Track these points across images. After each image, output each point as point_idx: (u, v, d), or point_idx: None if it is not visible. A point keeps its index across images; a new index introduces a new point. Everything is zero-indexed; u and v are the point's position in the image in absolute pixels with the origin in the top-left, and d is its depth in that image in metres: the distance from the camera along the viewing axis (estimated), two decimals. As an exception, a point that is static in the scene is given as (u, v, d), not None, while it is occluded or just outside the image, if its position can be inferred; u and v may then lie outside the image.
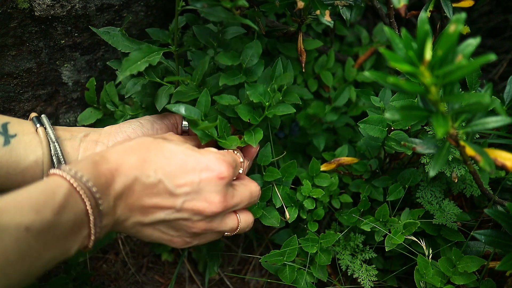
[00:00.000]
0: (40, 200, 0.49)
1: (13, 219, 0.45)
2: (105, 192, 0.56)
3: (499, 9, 1.19)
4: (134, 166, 0.59)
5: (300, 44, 0.82)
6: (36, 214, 0.47)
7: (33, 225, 0.47)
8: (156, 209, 0.61)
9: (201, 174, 0.61)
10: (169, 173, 0.60)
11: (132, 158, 0.60)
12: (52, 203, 0.49)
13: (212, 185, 0.62)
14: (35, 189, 0.50)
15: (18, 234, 0.45)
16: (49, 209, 0.49)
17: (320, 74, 0.96)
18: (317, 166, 0.84)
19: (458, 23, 0.46)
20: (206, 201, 0.62)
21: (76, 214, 0.52)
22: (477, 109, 0.53)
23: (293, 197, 0.83)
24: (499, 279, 0.79)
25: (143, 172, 0.59)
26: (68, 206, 0.51)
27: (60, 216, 0.50)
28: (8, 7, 0.73)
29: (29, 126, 0.67)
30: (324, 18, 0.70)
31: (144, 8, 0.89)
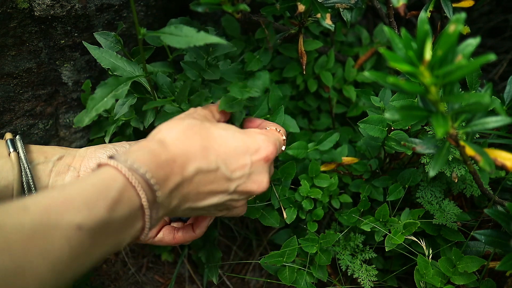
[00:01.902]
0: (92, 196, 0.46)
1: (64, 217, 0.43)
2: (163, 185, 0.53)
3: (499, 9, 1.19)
4: (195, 155, 0.57)
5: (301, 46, 0.82)
6: (88, 211, 0.45)
7: (85, 223, 0.44)
8: (211, 194, 0.61)
9: (252, 157, 0.63)
10: (225, 159, 0.60)
11: (191, 145, 0.58)
12: (106, 199, 0.47)
13: (261, 166, 0.64)
14: (87, 183, 0.47)
15: (69, 233, 0.43)
16: (102, 205, 0.46)
17: (320, 74, 0.96)
18: (316, 167, 0.84)
19: (458, 23, 0.46)
20: (255, 183, 0.64)
21: (130, 209, 0.49)
22: (477, 109, 0.53)
23: (291, 198, 0.83)
24: (499, 279, 0.79)
25: (205, 161, 0.58)
26: (123, 201, 0.48)
27: (114, 212, 0.47)
28: (8, 7, 0.72)
29: (3, 149, 0.66)
30: (325, 22, 0.70)
31: (144, 8, 0.89)
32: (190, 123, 0.61)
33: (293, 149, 0.83)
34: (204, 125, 0.62)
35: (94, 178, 0.49)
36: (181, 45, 0.55)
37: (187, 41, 0.56)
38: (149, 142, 0.56)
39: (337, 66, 1.01)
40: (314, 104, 1.00)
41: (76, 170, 0.69)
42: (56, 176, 0.68)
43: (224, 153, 0.60)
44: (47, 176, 0.67)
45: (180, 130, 0.59)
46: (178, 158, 0.56)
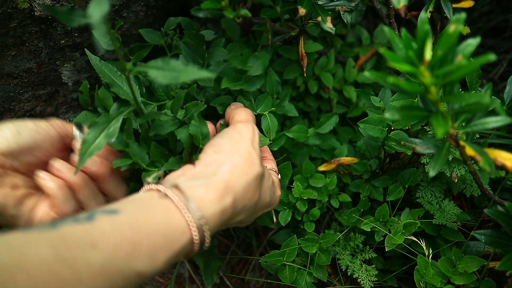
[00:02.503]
0: (157, 245, 0.46)
1: (128, 262, 0.44)
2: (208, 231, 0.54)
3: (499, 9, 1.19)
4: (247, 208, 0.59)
5: (302, 49, 0.82)
6: (150, 261, 0.46)
7: (145, 271, 0.45)
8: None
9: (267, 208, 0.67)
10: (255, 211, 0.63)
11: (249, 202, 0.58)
12: (168, 251, 0.48)
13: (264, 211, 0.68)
14: (157, 228, 0.47)
15: (129, 278, 0.44)
16: (164, 257, 0.47)
17: (320, 75, 0.96)
18: (310, 167, 0.85)
19: (458, 23, 0.47)
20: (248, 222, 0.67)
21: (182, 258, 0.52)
22: (477, 109, 0.53)
23: (283, 200, 0.84)
24: (499, 279, 0.79)
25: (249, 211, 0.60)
26: (179, 255, 0.50)
27: (170, 263, 0.49)
28: (8, 7, 0.73)
29: None
30: (325, 25, 0.71)
31: (144, 8, 0.89)
32: (257, 175, 0.59)
33: (293, 132, 0.83)
34: (264, 176, 0.62)
35: (165, 222, 0.48)
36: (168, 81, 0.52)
37: (174, 77, 0.52)
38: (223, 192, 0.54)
39: (338, 67, 1.01)
40: (314, 105, 1.00)
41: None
42: None
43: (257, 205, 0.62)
44: None
45: (247, 182, 0.57)
46: (236, 214, 0.57)
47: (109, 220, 0.45)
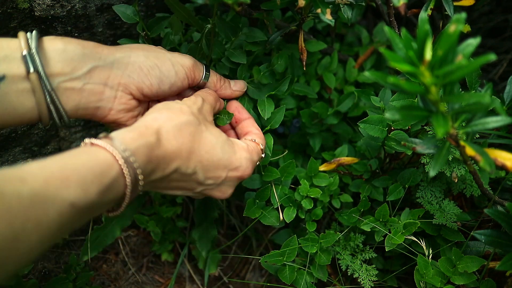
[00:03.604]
0: (88, 178, 0.48)
1: (60, 192, 0.45)
2: (147, 178, 0.56)
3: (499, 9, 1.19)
4: (180, 156, 0.60)
5: (301, 42, 0.82)
6: (82, 192, 0.47)
7: (78, 202, 0.47)
8: (177, 189, 0.65)
9: (229, 173, 0.67)
10: (204, 167, 0.64)
11: (181, 146, 0.60)
12: (99, 184, 0.49)
13: (233, 181, 0.69)
14: (84, 163, 0.49)
15: (62, 208, 0.45)
16: (96, 189, 0.49)
17: (323, 75, 0.96)
18: (315, 166, 0.84)
19: (458, 23, 0.46)
20: (220, 192, 0.68)
21: (115, 195, 0.53)
22: (477, 109, 0.53)
23: (291, 197, 0.84)
24: (499, 279, 0.79)
25: (186, 164, 0.61)
26: (112, 189, 0.51)
27: (103, 197, 0.50)
28: (8, 7, 0.72)
29: (18, 63, 0.58)
30: (325, 17, 0.70)
31: (144, 8, 0.89)
32: (188, 121, 0.62)
33: (317, 107, 0.89)
34: (200, 128, 0.64)
35: (91, 158, 0.51)
36: None
37: None
38: (150, 132, 0.57)
39: (338, 67, 1.01)
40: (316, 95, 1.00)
41: (114, 90, 0.65)
42: (91, 97, 0.63)
43: (206, 161, 0.63)
44: (77, 95, 0.62)
45: (177, 125, 0.61)
46: (167, 156, 0.59)
47: (37, 163, 0.47)
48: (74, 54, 0.61)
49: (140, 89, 0.67)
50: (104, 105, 0.65)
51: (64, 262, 0.96)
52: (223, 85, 0.78)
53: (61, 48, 0.60)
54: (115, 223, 0.91)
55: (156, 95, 0.70)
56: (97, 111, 0.66)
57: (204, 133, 0.64)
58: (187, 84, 0.72)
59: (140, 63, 0.66)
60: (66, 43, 0.61)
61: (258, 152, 0.72)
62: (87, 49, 0.62)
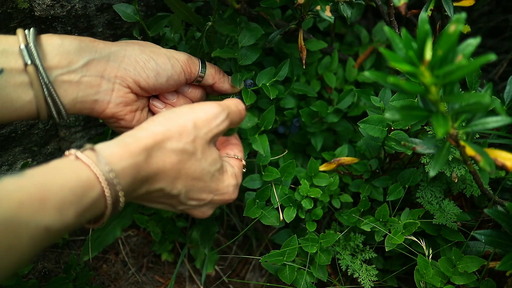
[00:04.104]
0: (66, 200, 0.46)
1: (35, 217, 0.43)
2: (128, 196, 0.54)
3: (499, 9, 1.19)
4: (166, 179, 0.58)
5: (301, 40, 0.81)
6: (59, 215, 0.45)
7: (54, 226, 0.45)
8: (160, 204, 0.64)
9: (214, 197, 0.66)
10: (189, 191, 0.62)
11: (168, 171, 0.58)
12: (78, 206, 0.47)
13: (216, 204, 0.68)
14: (63, 182, 0.47)
15: (36, 233, 0.44)
16: (74, 212, 0.46)
17: (323, 75, 0.96)
18: (315, 166, 0.84)
19: (458, 23, 0.46)
20: (202, 212, 0.67)
21: (93, 215, 0.51)
22: (477, 109, 0.53)
23: (291, 197, 0.84)
24: (499, 279, 0.79)
25: (171, 186, 0.59)
26: (91, 209, 0.49)
27: (81, 218, 0.48)
28: (8, 7, 0.72)
29: (16, 57, 0.58)
30: (324, 14, 0.70)
31: (144, 8, 0.89)
32: (183, 150, 0.59)
33: (317, 106, 0.89)
34: (196, 156, 0.61)
35: (73, 177, 0.48)
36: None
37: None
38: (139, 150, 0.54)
39: (338, 66, 1.01)
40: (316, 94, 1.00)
41: (111, 82, 0.64)
42: (88, 89, 0.63)
43: (192, 186, 0.62)
44: (75, 88, 0.62)
45: (171, 149, 0.58)
46: (152, 177, 0.56)
47: (13, 181, 0.44)
48: (71, 48, 0.62)
49: (137, 82, 0.67)
50: (102, 98, 0.65)
51: (64, 262, 0.96)
52: (221, 78, 0.77)
53: (58, 42, 0.61)
54: (116, 223, 0.90)
55: (154, 89, 0.69)
56: (95, 104, 0.65)
57: (196, 163, 0.61)
58: (184, 79, 0.72)
59: (135, 56, 0.67)
60: (63, 38, 0.62)
61: (241, 170, 0.72)
62: (83, 42, 0.63)
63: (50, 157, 0.94)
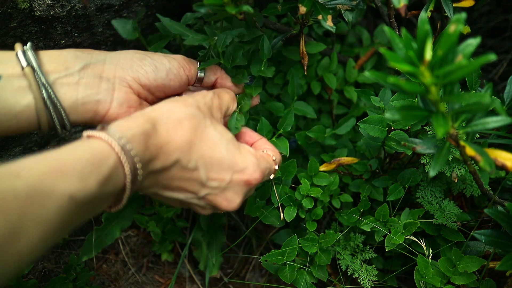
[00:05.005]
0: (85, 169, 0.46)
1: (58, 185, 0.43)
2: (145, 168, 0.54)
3: (499, 9, 1.19)
4: (181, 148, 0.58)
5: (302, 47, 0.82)
6: (81, 183, 0.45)
7: (78, 194, 0.45)
8: (179, 190, 0.61)
9: (234, 175, 0.62)
10: (207, 164, 0.60)
11: (181, 138, 0.58)
12: (98, 174, 0.48)
13: (239, 186, 0.63)
14: (80, 155, 0.48)
15: (61, 201, 0.43)
16: (95, 180, 0.47)
17: (323, 76, 0.96)
18: (315, 165, 0.85)
19: (458, 23, 0.47)
20: (226, 200, 0.63)
21: (115, 187, 0.51)
22: (477, 109, 0.53)
23: (292, 196, 0.84)
24: (499, 279, 0.79)
25: (187, 157, 0.58)
26: (112, 179, 0.50)
27: (104, 188, 0.48)
28: (8, 7, 0.73)
29: (14, 64, 0.60)
30: (326, 23, 0.70)
31: (144, 8, 0.89)
32: (191, 114, 0.60)
33: (313, 132, 0.88)
34: (205, 122, 0.61)
35: (88, 150, 0.49)
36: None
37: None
38: (145, 120, 0.56)
39: (338, 67, 1.01)
40: (315, 106, 1.00)
41: (111, 82, 0.65)
42: (88, 90, 0.63)
43: (208, 157, 0.60)
44: (73, 90, 0.62)
45: (178, 118, 0.59)
46: (165, 146, 0.56)
47: (33, 157, 0.45)
48: (67, 57, 0.63)
49: (137, 79, 0.66)
50: (104, 97, 0.64)
51: (64, 262, 0.96)
52: (223, 75, 0.75)
53: (55, 54, 0.64)
54: (115, 224, 0.91)
55: (155, 85, 0.68)
56: (98, 105, 0.64)
57: (207, 128, 0.61)
58: (184, 75, 0.71)
59: (130, 55, 0.68)
60: (60, 51, 0.64)
61: (268, 161, 0.69)
62: (78, 52, 0.65)
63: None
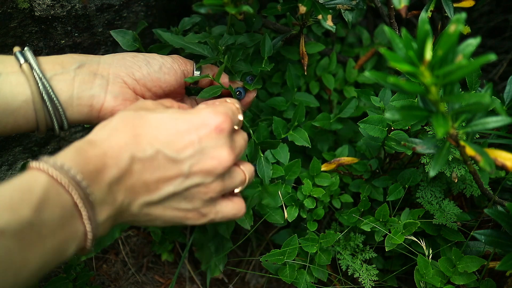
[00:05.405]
0: (14, 198, 0.43)
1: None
2: (96, 180, 0.50)
3: (499, 9, 1.19)
4: (126, 145, 0.54)
5: (302, 47, 0.82)
6: (11, 214, 0.42)
7: (9, 226, 0.41)
8: (162, 182, 0.55)
9: (198, 132, 0.57)
10: (165, 141, 0.55)
11: (121, 137, 0.54)
12: (29, 199, 0.44)
13: (214, 139, 0.57)
14: (8, 187, 0.44)
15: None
16: (26, 206, 0.43)
17: (322, 76, 0.96)
18: (318, 165, 0.85)
19: (458, 23, 0.47)
20: (214, 159, 0.57)
21: (62, 208, 0.46)
22: (477, 109, 0.53)
23: (294, 196, 0.84)
24: (499, 279, 0.79)
25: (138, 148, 0.54)
26: (50, 201, 0.45)
27: (42, 213, 0.44)
28: (8, 7, 0.73)
29: (13, 63, 0.61)
30: (326, 23, 0.70)
31: (144, 8, 0.89)
32: (121, 117, 0.57)
33: (318, 121, 0.88)
34: (138, 114, 0.58)
35: (17, 181, 0.46)
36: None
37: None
38: (77, 142, 0.53)
39: (338, 67, 1.01)
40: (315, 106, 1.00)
41: (105, 79, 0.65)
42: (82, 85, 0.63)
43: (162, 136, 0.56)
44: (70, 85, 0.63)
45: (110, 126, 0.56)
46: (109, 151, 0.52)
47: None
48: (64, 59, 0.65)
49: (131, 74, 0.66)
50: (97, 92, 0.64)
51: (64, 262, 0.96)
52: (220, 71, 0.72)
53: (53, 57, 0.65)
54: (115, 224, 0.90)
55: (150, 79, 0.67)
56: (92, 100, 0.64)
57: (145, 116, 0.57)
58: (179, 69, 0.69)
59: (123, 55, 0.69)
60: (57, 56, 0.66)
61: (224, 104, 0.62)
62: (75, 55, 0.67)
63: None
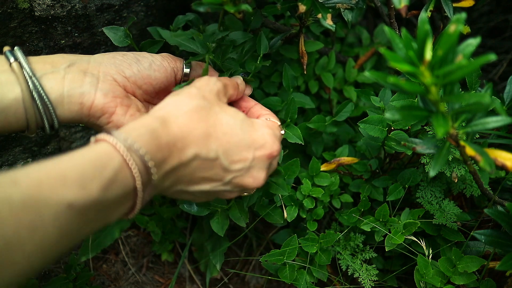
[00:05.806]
0: (87, 174, 0.45)
1: (55, 193, 0.42)
2: (160, 167, 0.52)
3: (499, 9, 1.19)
4: (196, 142, 0.57)
5: (302, 46, 0.82)
6: (81, 190, 0.44)
7: (77, 201, 0.43)
8: (204, 181, 0.60)
9: (255, 152, 0.62)
10: (227, 150, 0.60)
11: (195, 131, 0.57)
12: (100, 178, 0.45)
13: (262, 162, 0.63)
14: (82, 159, 0.46)
15: (58, 210, 0.42)
16: (96, 184, 0.45)
17: (321, 75, 0.96)
18: (317, 165, 0.85)
19: (458, 23, 0.47)
20: (252, 177, 0.63)
21: (124, 190, 0.48)
22: (477, 109, 0.53)
23: (293, 196, 0.84)
24: (499, 279, 0.79)
25: (205, 149, 0.58)
26: (117, 182, 0.47)
27: (107, 192, 0.46)
28: (8, 7, 0.73)
29: (2, 62, 0.61)
30: (325, 22, 0.70)
31: (144, 8, 0.89)
32: (199, 105, 0.59)
33: (313, 122, 0.87)
34: (214, 109, 0.61)
35: (91, 153, 0.47)
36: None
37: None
38: (152, 119, 0.55)
39: (338, 67, 1.01)
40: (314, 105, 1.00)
41: (95, 77, 0.65)
42: (72, 84, 0.63)
43: (227, 143, 0.60)
44: (59, 84, 0.63)
45: (186, 111, 0.58)
46: (179, 142, 0.55)
47: (34, 165, 0.44)
48: (54, 58, 0.65)
49: (121, 71, 0.66)
50: (87, 90, 0.64)
51: (64, 262, 0.96)
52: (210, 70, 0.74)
53: (43, 57, 0.65)
54: (115, 224, 0.91)
55: (140, 76, 0.67)
56: (82, 97, 0.64)
57: (219, 115, 0.60)
58: (169, 66, 0.70)
59: (113, 54, 0.68)
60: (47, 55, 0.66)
61: (278, 128, 0.68)
62: (65, 54, 0.67)
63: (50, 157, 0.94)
